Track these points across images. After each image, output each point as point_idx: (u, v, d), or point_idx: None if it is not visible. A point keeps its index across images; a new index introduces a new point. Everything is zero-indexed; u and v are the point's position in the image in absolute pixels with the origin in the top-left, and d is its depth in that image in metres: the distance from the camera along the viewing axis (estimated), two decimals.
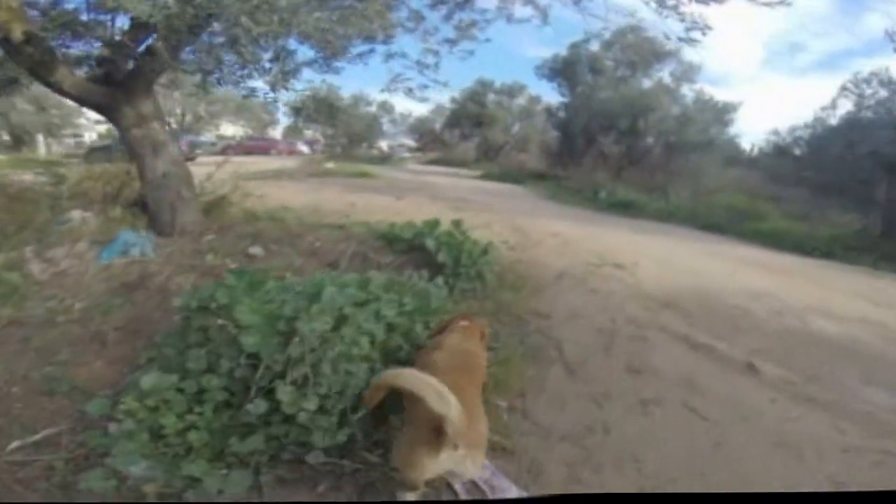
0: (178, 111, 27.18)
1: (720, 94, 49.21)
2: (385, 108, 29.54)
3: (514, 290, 3.69)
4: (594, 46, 17.71)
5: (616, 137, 16.71)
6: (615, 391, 2.44)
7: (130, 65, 3.46)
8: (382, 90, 4.08)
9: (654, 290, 3.99)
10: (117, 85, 3.46)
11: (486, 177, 18.22)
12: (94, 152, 18.86)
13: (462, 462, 1.40)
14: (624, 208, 10.41)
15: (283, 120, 33.04)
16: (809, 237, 7.83)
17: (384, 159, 24.42)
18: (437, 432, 1.32)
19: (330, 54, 3.60)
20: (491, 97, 27.99)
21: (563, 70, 18.76)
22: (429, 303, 2.60)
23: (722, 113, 15.81)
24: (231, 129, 36.02)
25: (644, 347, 2.97)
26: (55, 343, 2.63)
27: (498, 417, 2.09)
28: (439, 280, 3.23)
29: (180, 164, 4.01)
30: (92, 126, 26.26)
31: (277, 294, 2.11)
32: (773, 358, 2.90)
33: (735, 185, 12.86)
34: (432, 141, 34.05)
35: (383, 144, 32.97)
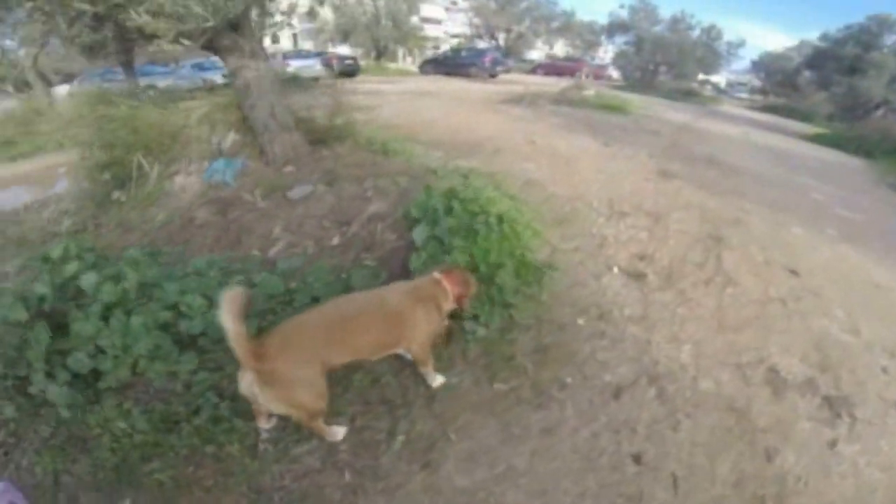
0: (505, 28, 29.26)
1: None
2: (711, 33, 23.70)
3: None
4: None
5: None
6: None
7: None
8: None
9: None
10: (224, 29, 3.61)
11: (820, 139, 12.53)
12: (427, 64, 22.92)
13: (250, 388, 1.56)
14: None
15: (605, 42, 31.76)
16: None
17: (706, 97, 20.21)
18: None
19: None
20: (888, 39, 19.53)
21: None
22: None
23: None
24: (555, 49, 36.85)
25: None
26: None
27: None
28: None
29: (277, 95, 4.08)
30: (448, 40, 31.50)
31: None
32: None
33: None
34: (780, 83, 26.00)
35: (716, 78, 27.50)
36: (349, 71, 18.03)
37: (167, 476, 1.63)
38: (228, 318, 1.41)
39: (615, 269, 2.69)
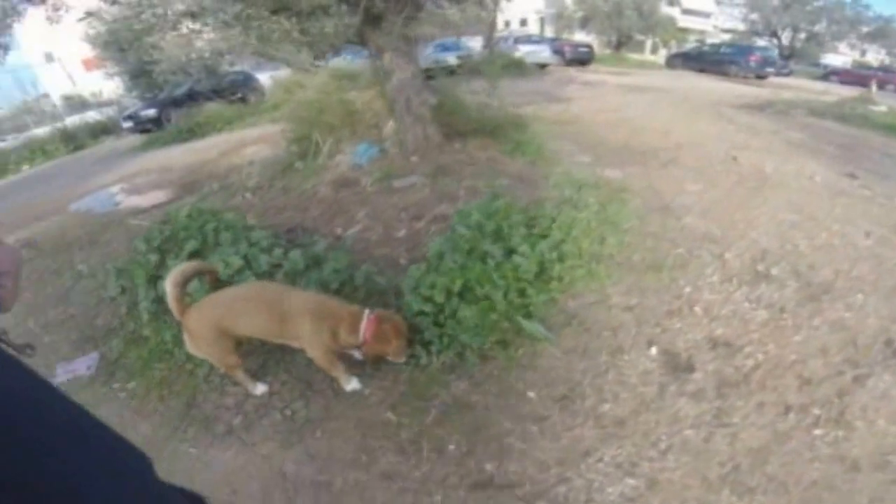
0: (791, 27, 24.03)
1: None
2: None
3: None
4: None
5: None
6: None
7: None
8: None
9: None
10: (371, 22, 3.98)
11: None
12: (675, 58, 20.44)
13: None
14: None
15: None
16: None
17: None
18: None
19: None
20: None
21: None
22: None
23: None
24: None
25: None
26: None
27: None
28: None
29: (416, 88, 4.27)
30: (717, 35, 27.61)
31: None
32: None
33: None
34: None
35: None
36: (582, 59, 17.29)
37: None
38: (169, 283, 1.78)
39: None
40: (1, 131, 15.14)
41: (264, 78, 12.15)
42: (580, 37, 23.10)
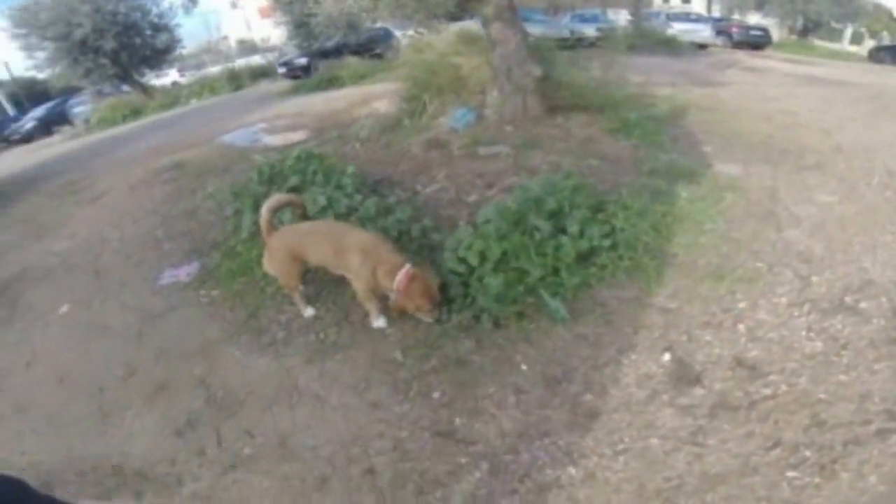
0: None
1: None
2: None
3: None
4: None
5: None
6: None
7: None
8: None
9: None
10: None
11: None
12: (881, 51, 16.76)
13: None
14: None
15: None
16: None
17: None
18: None
19: None
20: None
21: None
22: None
23: None
24: None
25: None
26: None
27: None
28: None
29: (520, 58, 4.20)
30: None
31: None
32: None
33: None
34: None
35: None
36: (754, 42, 14.97)
37: None
38: (265, 208, 2.22)
39: None
40: (183, 67, 18.06)
41: (403, 36, 12.67)
42: (756, 20, 19.86)
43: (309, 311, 2.35)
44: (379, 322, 2.17)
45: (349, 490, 1.54)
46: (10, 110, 21.39)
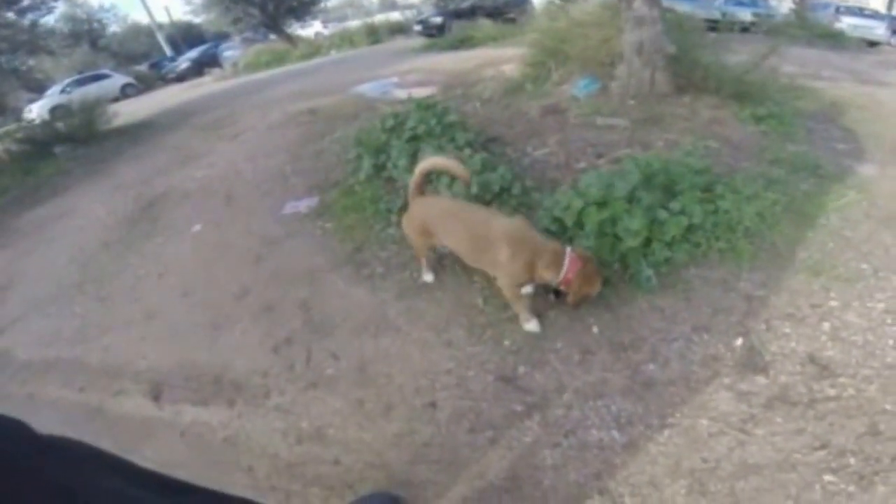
0: None
1: None
2: None
3: None
4: None
5: None
6: None
7: None
8: None
9: None
10: None
11: None
12: None
13: None
14: None
15: None
16: None
17: None
18: None
19: None
20: None
21: None
22: None
23: None
24: None
25: None
26: None
27: None
28: None
29: (654, 34, 4.01)
30: None
31: None
32: None
33: None
34: None
35: None
36: None
37: None
38: (417, 169, 2.07)
39: None
40: (327, 19, 19.24)
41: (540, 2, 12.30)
42: None
43: (429, 277, 2.32)
44: (530, 325, 1.95)
45: (410, 419, 1.71)
46: (168, 51, 23.83)
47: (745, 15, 10.94)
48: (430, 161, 2.07)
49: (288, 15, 15.58)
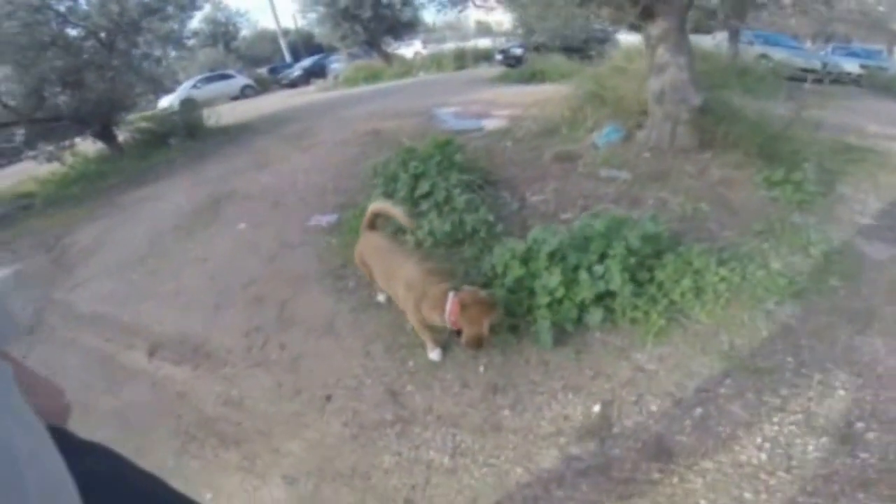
0: None
1: None
2: None
3: None
4: None
5: None
6: None
7: None
8: None
9: None
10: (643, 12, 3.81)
11: None
12: None
13: None
14: None
15: None
16: None
17: None
18: None
19: None
20: None
21: None
22: None
23: None
24: None
25: None
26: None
27: None
28: None
29: (677, 85, 3.94)
30: None
31: None
32: None
33: None
34: None
35: None
36: None
37: None
38: (369, 208, 2.41)
39: None
40: (427, 39, 20.27)
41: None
42: None
43: (381, 297, 2.64)
44: (433, 354, 2.18)
45: (306, 404, 2.13)
46: (288, 57, 25.91)
47: (853, 66, 9.78)
48: (377, 205, 2.38)
49: (387, 34, 16.71)
